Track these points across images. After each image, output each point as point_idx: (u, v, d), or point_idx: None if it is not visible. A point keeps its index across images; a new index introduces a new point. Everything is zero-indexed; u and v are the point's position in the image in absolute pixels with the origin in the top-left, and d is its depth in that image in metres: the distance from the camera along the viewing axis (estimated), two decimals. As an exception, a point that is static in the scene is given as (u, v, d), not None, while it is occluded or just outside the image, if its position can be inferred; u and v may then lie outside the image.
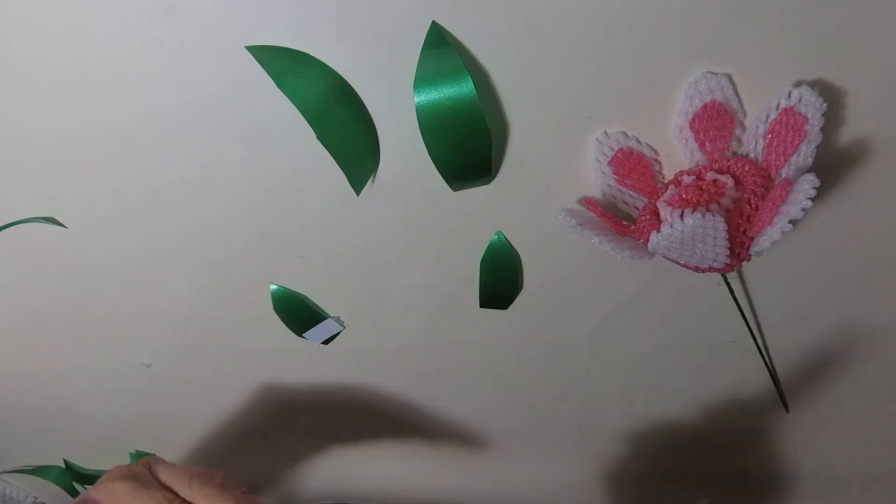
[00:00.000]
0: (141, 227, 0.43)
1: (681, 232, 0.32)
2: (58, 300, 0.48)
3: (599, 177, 0.38)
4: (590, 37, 0.34)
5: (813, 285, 0.43)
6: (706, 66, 0.34)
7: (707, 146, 0.36)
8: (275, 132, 0.38)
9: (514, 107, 0.36)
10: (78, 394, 0.56)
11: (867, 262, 0.41)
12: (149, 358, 0.52)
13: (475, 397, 0.52)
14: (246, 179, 0.40)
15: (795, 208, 0.30)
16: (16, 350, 0.52)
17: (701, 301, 0.44)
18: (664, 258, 0.37)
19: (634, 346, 0.47)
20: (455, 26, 0.34)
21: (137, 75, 0.36)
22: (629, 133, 0.37)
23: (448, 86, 0.35)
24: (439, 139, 0.36)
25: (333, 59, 0.35)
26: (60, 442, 0.61)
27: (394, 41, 0.34)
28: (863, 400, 0.48)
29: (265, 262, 0.45)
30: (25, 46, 0.35)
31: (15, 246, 0.45)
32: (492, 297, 0.45)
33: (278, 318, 0.47)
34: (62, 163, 0.40)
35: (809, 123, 0.33)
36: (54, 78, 0.36)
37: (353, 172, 0.38)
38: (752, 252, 0.35)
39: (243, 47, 0.34)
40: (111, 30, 0.35)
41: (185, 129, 0.38)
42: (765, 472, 0.54)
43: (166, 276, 0.46)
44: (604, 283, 0.44)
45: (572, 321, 0.46)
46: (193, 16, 0.34)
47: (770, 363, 0.46)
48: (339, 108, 0.36)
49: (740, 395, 0.49)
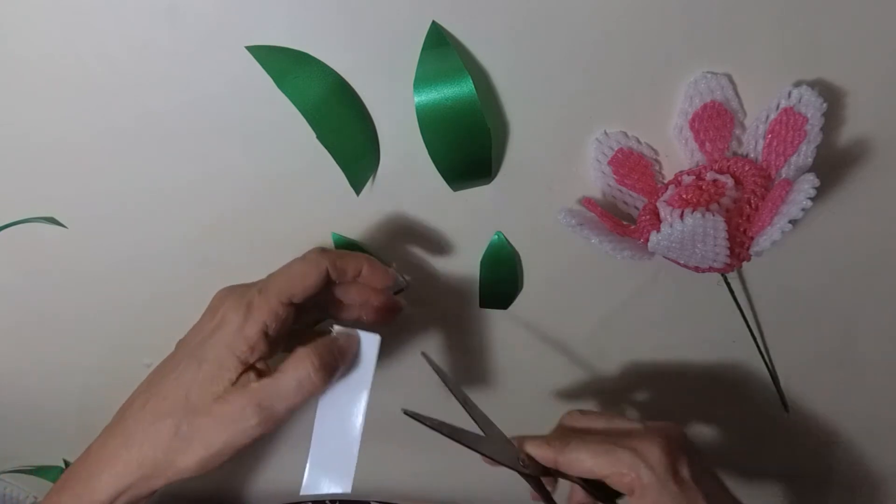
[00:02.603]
0: (141, 227, 0.43)
1: (681, 232, 0.32)
2: (58, 300, 0.48)
3: (599, 177, 0.38)
4: (590, 37, 0.34)
5: (813, 285, 0.43)
6: (706, 66, 0.34)
7: (707, 146, 0.36)
8: (275, 132, 0.38)
9: (514, 107, 0.36)
10: (78, 394, 0.56)
11: (867, 262, 0.41)
12: (149, 358, 0.52)
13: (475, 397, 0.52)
14: (246, 179, 0.40)
15: (795, 208, 0.30)
16: (16, 350, 0.52)
17: (701, 301, 0.44)
18: (664, 258, 0.37)
19: (634, 346, 0.47)
20: (455, 26, 0.34)
21: (137, 75, 0.36)
22: (629, 133, 0.37)
23: (448, 86, 0.35)
24: (439, 139, 0.36)
25: (333, 59, 0.35)
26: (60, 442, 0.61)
27: (394, 41, 0.34)
28: (863, 400, 0.48)
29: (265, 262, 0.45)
30: (25, 46, 0.35)
31: (15, 246, 0.45)
32: (492, 297, 0.45)
33: (278, 318, 0.47)
34: (62, 163, 0.40)
35: (809, 123, 0.33)
36: (54, 78, 0.36)
37: (353, 172, 0.38)
38: (752, 252, 0.35)
39: (243, 47, 0.34)
40: (111, 30, 0.35)
41: (184, 130, 0.38)
42: (765, 471, 0.54)
43: (166, 276, 0.46)
44: (604, 283, 0.44)
45: (572, 321, 0.46)
46: (193, 16, 0.34)
47: (770, 363, 0.46)
48: (339, 108, 0.36)
49: (740, 395, 0.49)
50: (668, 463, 0.31)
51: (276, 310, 0.32)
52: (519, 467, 0.34)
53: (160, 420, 0.32)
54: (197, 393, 0.31)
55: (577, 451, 0.33)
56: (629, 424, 0.35)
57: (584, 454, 0.33)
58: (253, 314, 0.32)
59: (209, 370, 0.32)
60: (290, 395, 0.32)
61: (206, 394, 0.31)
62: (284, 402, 0.32)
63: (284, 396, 0.32)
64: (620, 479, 0.32)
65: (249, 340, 0.32)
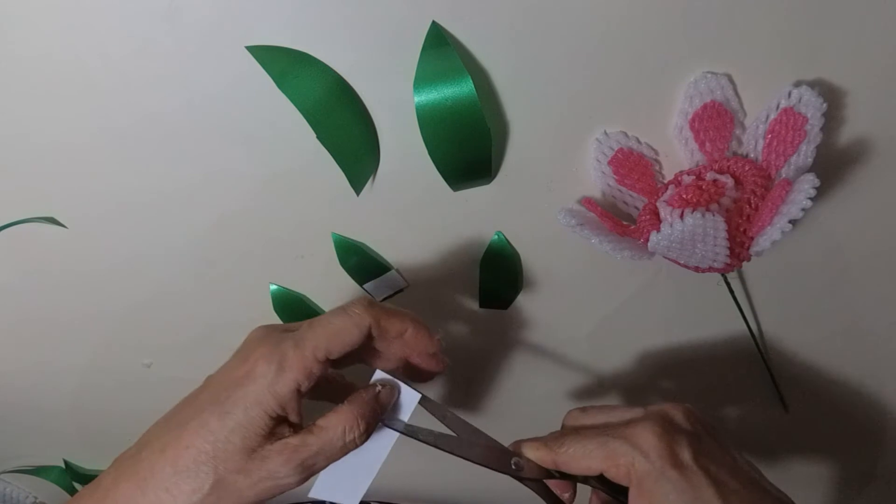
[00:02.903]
0: (141, 227, 0.43)
1: (681, 232, 0.32)
2: (58, 300, 0.48)
3: (599, 177, 0.38)
4: (590, 37, 0.34)
5: (813, 285, 0.43)
6: (706, 66, 0.34)
7: (707, 146, 0.36)
8: (275, 132, 0.38)
9: (514, 107, 0.36)
10: (78, 394, 0.56)
11: (867, 262, 0.41)
12: (149, 358, 0.52)
13: (475, 397, 0.52)
14: (246, 179, 0.40)
15: (795, 208, 0.30)
16: (16, 350, 0.52)
17: (701, 301, 0.44)
18: (664, 258, 0.37)
19: (634, 346, 0.47)
20: (455, 26, 0.34)
21: (137, 75, 0.36)
22: (629, 133, 0.37)
23: (448, 86, 0.35)
24: (439, 139, 0.36)
25: (333, 59, 0.35)
26: (60, 442, 0.61)
27: (394, 41, 0.34)
28: (863, 400, 0.48)
29: (265, 262, 0.45)
30: (25, 46, 0.35)
31: (15, 246, 0.45)
32: (492, 297, 0.45)
33: (278, 318, 0.47)
34: (62, 163, 0.40)
35: (809, 123, 0.33)
36: (54, 78, 0.36)
37: (353, 172, 0.38)
38: (752, 252, 0.35)
39: (243, 47, 0.34)
40: (111, 30, 0.35)
41: (185, 129, 0.38)
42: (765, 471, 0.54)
43: (166, 276, 0.46)
44: (604, 283, 0.44)
45: (572, 321, 0.46)
46: (193, 16, 0.34)
47: (770, 363, 0.46)
48: (339, 108, 0.36)
49: (740, 395, 0.49)
50: (663, 447, 0.29)
51: (310, 368, 0.30)
52: (511, 471, 0.33)
53: (183, 473, 0.29)
54: (224, 447, 0.29)
55: (572, 447, 0.32)
56: (628, 413, 0.33)
57: (579, 450, 0.31)
58: (285, 372, 0.30)
59: (237, 423, 0.29)
60: (333, 454, 0.31)
61: (235, 449, 0.29)
62: (327, 460, 0.31)
63: (328, 455, 0.31)
64: (617, 470, 0.30)
65: (280, 399, 0.30)
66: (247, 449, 0.29)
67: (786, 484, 0.54)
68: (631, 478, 0.30)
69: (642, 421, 0.31)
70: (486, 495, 0.56)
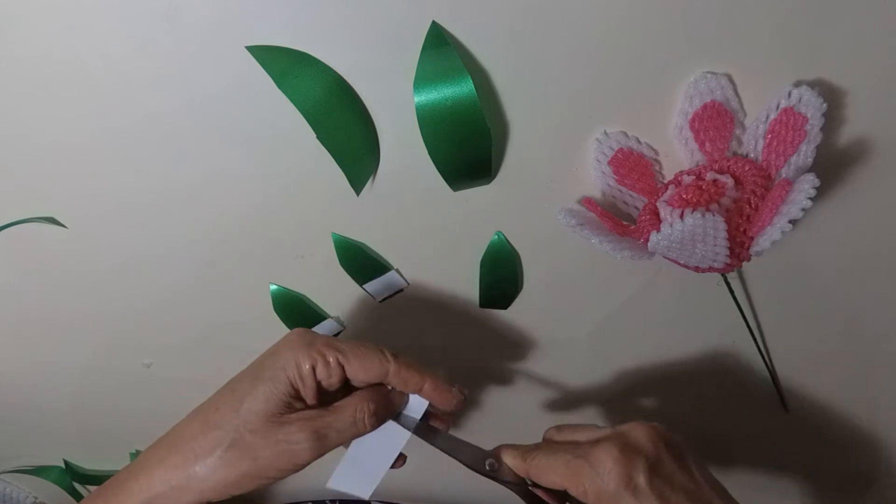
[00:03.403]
0: (141, 227, 0.43)
1: (681, 232, 0.32)
2: (58, 300, 0.48)
3: (599, 177, 0.38)
4: (590, 37, 0.34)
5: (813, 285, 0.43)
6: (706, 66, 0.34)
7: (707, 146, 0.36)
8: (275, 132, 0.38)
9: (514, 107, 0.36)
10: (78, 394, 0.56)
11: (867, 261, 0.41)
12: (149, 358, 0.52)
13: (475, 397, 0.52)
14: (246, 179, 0.40)
15: (795, 208, 0.30)
16: (16, 350, 0.52)
17: (701, 301, 0.44)
18: (664, 258, 0.37)
19: (634, 346, 0.47)
20: (455, 26, 0.34)
21: (137, 75, 0.36)
22: (629, 133, 0.37)
23: (448, 86, 0.35)
24: (439, 139, 0.36)
25: (333, 59, 0.35)
26: (60, 442, 0.61)
27: (394, 41, 0.34)
28: (863, 400, 0.48)
29: (265, 262, 0.45)
30: (25, 46, 0.35)
31: (15, 246, 0.45)
32: (492, 297, 0.45)
33: (278, 318, 0.47)
34: (62, 163, 0.40)
35: (809, 123, 0.33)
36: (54, 78, 0.36)
37: (353, 172, 0.38)
38: (752, 252, 0.35)
39: (243, 47, 0.34)
40: (111, 30, 0.35)
41: (185, 130, 0.38)
42: (765, 471, 0.54)
43: (166, 276, 0.46)
44: (604, 283, 0.44)
45: (572, 321, 0.46)
46: (193, 16, 0.34)
47: (770, 363, 0.46)
48: (339, 108, 0.36)
49: (740, 395, 0.49)
50: (618, 471, 0.31)
51: (329, 358, 0.33)
52: (484, 471, 0.35)
53: (209, 430, 0.32)
54: (249, 409, 0.32)
55: (542, 460, 0.34)
56: (596, 433, 0.35)
57: (546, 464, 0.33)
58: (310, 348, 0.33)
59: (264, 388, 0.32)
60: (344, 430, 0.33)
61: (259, 412, 0.32)
62: (337, 434, 0.33)
63: (339, 430, 0.33)
64: (576, 489, 0.32)
65: (301, 368, 0.33)
66: (268, 414, 0.32)
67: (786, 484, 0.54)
68: (588, 497, 0.31)
69: (604, 442, 0.32)
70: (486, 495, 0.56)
